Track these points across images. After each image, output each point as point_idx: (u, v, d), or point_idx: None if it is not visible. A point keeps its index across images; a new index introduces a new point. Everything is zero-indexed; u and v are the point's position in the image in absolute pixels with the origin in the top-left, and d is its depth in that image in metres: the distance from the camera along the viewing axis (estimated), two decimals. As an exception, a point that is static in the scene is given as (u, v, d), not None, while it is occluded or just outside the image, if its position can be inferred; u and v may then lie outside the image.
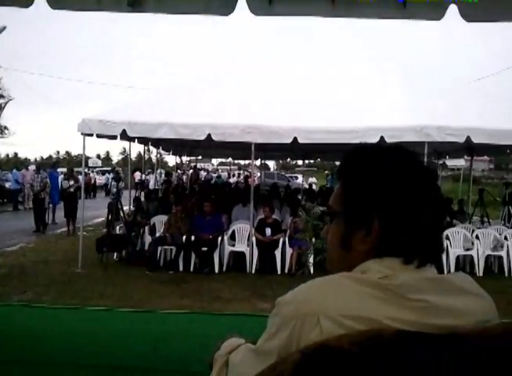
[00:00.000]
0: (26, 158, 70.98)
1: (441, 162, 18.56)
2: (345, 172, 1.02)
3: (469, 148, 11.91)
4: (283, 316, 0.89)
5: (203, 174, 27.91)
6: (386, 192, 0.93)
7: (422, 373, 0.75)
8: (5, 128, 39.20)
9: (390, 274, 0.90)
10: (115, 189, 11.08)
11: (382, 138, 7.94)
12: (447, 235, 8.93)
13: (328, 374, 0.78)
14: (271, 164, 46.36)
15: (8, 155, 69.97)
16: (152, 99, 10.22)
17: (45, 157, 79.51)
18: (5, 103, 37.43)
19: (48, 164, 22.65)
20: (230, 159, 24.33)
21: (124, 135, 9.05)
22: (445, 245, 8.74)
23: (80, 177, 10.93)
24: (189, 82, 11.13)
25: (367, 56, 10.54)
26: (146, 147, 16.02)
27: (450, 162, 22.26)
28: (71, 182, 13.73)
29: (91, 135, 9.02)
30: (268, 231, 9.06)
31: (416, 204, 0.93)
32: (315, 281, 0.92)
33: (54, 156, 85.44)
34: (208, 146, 15.45)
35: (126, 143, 12.44)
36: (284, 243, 8.90)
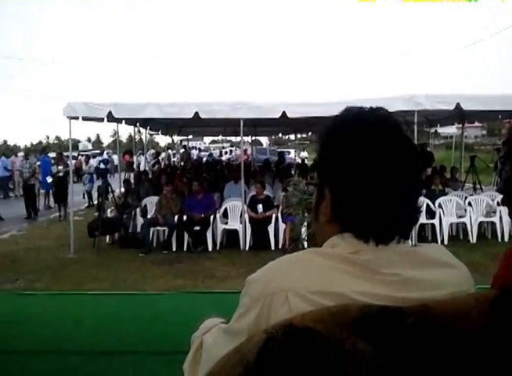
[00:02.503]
0: (15, 145, 70.30)
1: (432, 130, 18.53)
2: (318, 144, 1.00)
3: (459, 115, 11.83)
4: (252, 295, 0.88)
5: (194, 153, 27.74)
6: (339, 165, 0.91)
7: (384, 349, 0.73)
8: None
9: (360, 249, 0.88)
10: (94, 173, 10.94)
11: (371, 108, 7.86)
12: (440, 203, 8.92)
13: (292, 353, 0.75)
14: (263, 139, 46.28)
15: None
16: (137, 77, 10.05)
17: (34, 143, 78.56)
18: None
19: (37, 151, 22.30)
20: (221, 137, 24.19)
21: (111, 117, 8.93)
22: (438, 213, 8.73)
23: (69, 161, 10.82)
24: (174, 60, 10.97)
25: (353, 29, 10.39)
26: (135, 128, 15.91)
27: (442, 130, 22.27)
28: (60, 167, 13.59)
29: (77, 118, 8.89)
30: (260, 207, 9.01)
31: (374, 179, 0.88)
32: (283, 258, 0.91)
33: (44, 141, 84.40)
34: (198, 125, 15.32)
35: (116, 125, 12.32)
36: (277, 218, 8.86)
